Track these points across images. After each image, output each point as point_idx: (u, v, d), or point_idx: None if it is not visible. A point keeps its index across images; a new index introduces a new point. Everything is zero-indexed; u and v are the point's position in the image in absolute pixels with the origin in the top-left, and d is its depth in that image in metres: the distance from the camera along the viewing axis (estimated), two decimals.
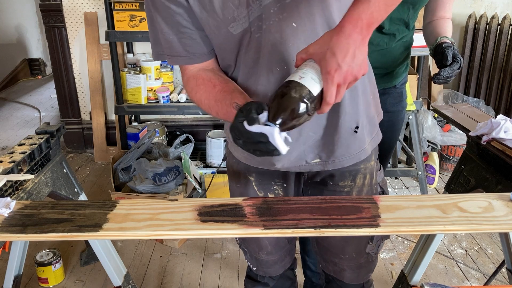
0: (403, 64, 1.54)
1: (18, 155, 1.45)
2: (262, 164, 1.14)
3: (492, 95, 3.38)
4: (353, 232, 0.90)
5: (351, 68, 0.77)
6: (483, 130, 1.52)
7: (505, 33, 3.22)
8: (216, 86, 1.00)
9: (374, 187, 1.20)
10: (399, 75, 1.54)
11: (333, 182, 1.16)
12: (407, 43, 1.52)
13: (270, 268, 1.30)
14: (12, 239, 1.08)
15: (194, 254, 2.29)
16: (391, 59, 1.49)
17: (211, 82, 1.02)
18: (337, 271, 1.27)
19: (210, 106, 1.01)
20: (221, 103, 0.97)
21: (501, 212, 0.95)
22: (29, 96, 5.02)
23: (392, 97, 1.54)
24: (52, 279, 2.05)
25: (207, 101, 1.01)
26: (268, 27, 0.95)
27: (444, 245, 2.33)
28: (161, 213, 0.96)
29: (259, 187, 1.20)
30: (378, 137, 1.18)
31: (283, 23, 0.94)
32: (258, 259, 1.28)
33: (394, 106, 1.55)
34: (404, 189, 2.93)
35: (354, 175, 1.14)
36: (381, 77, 1.48)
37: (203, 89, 1.02)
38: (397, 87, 1.54)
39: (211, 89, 1.01)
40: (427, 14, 1.50)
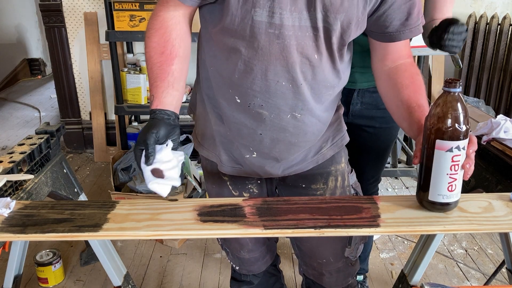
0: None
1: (18, 155, 1.45)
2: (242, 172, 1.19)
3: (492, 95, 3.38)
4: (353, 232, 0.90)
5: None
6: (483, 130, 1.52)
7: (505, 33, 3.22)
8: (162, 55, 1.01)
9: (347, 189, 1.23)
10: None
11: (305, 185, 1.19)
12: None
13: (252, 266, 1.31)
14: (12, 239, 1.08)
15: (194, 254, 2.29)
16: None
17: (164, 44, 1.01)
18: (316, 276, 1.28)
19: (149, 67, 1.04)
20: (152, 76, 1.01)
21: (501, 212, 0.95)
22: (29, 96, 5.02)
23: (378, 96, 1.52)
24: (52, 279, 2.05)
25: (149, 60, 1.03)
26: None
27: (444, 245, 2.33)
28: (161, 213, 0.96)
29: (234, 187, 1.21)
30: (343, 141, 1.22)
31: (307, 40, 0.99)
32: (240, 257, 1.29)
33: (382, 103, 1.53)
34: (404, 189, 2.93)
35: (326, 177, 1.18)
36: (369, 76, 1.43)
37: (153, 45, 1.02)
38: None
39: (159, 54, 1.01)
40: (425, 19, 1.46)
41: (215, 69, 1.08)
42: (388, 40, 1.06)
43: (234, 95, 1.06)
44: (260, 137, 1.09)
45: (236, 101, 1.06)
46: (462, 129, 0.88)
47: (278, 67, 1.00)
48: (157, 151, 0.95)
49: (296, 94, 1.04)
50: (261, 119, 1.07)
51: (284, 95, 1.03)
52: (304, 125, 1.08)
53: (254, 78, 1.02)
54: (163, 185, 0.95)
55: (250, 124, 1.08)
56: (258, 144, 1.11)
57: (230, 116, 1.10)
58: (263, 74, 1.01)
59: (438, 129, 0.88)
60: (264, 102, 1.04)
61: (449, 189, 0.91)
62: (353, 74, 1.40)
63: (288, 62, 1.00)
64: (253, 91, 1.03)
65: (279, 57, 0.99)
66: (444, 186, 0.91)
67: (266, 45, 0.98)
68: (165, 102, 0.99)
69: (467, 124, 0.89)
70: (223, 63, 1.05)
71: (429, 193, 0.93)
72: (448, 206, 0.93)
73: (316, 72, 1.03)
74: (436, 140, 0.89)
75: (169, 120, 0.98)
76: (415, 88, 1.06)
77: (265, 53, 0.99)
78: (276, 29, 0.97)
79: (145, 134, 0.94)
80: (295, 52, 0.99)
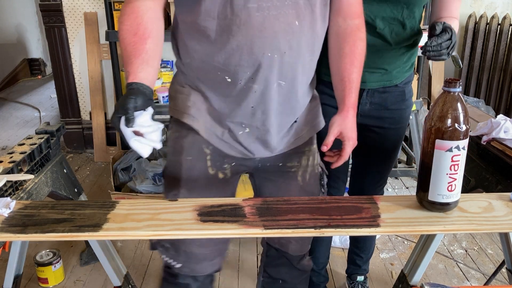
0: (406, 64, 1.49)
1: (18, 155, 1.46)
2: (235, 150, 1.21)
3: (492, 95, 3.38)
4: (353, 232, 0.90)
5: (351, 133, 1.16)
6: (483, 130, 1.52)
7: (505, 33, 3.22)
8: (136, 35, 1.03)
9: (316, 167, 1.31)
10: (400, 75, 1.50)
11: (282, 164, 1.26)
12: (409, 45, 1.46)
13: (199, 264, 1.22)
14: (12, 239, 1.08)
15: None
16: (389, 59, 1.44)
17: (137, 27, 1.04)
18: (283, 244, 1.33)
19: (122, 47, 1.06)
20: (126, 55, 1.03)
21: (501, 212, 0.95)
22: (29, 96, 5.02)
23: (393, 95, 1.51)
24: (52, 279, 2.05)
25: (122, 42, 1.05)
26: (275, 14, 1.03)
27: (444, 245, 2.33)
28: (161, 213, 0.96)
29: (213, 163, 1.20)
30: (319, 124, 1.30)
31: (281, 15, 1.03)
32: (187, 252, 1.20)
33: (396, 105, 1.51)
34: (404, 189, 2.93)
35: (300, 157, 1.27)
36: (379, 76, 1.45)
37: (126, 28, 1.04)
38: (398, 86, 1.51)
39: (131, 35, 1.04)
40: (432, 17, 1.46)
41: (200, 56, 1.11)
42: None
43: (224, 76, 1.09)
44: (253, 110, 1.13)
45: (227, 81, 1.10)
46: (462, 129, 0.88)
47: (262, 39, 1.03)
48: (137, 116, 0.96)
49: (282, 63, 1.07)
50: (251, 93, 1.10)
51: (270, 65, 1.07)
52: (289, 92, 1.13)
53: (241, 54, 1.05)
54: (144, 144, 0.95)
55: (243, 100, 1.12)
56: (251, 118, 1.14)
57: (221, 97, 1.14)
58: (249, 49, 1.04)
59: (438, 129, 0.88)
60: (254, 75, 1.08)
61: (449, 189, 0.91)
62: (363, 74, 1.40)
63: (270, 32, 1.03)
64: (242, 67, 1.07)
65: (261, 29, 1.03)
66: (444, 186, 0.91)
67: (247, 20, 1.02)
68: (141, 76, 1.01)
69: (467, 124, 0.89)
70: (209, 47, 1.08)
71: (429, 193, 0.93)
72: (448, 206, 0.93)
73: (300, 36, 1.07)
74: (436, 140, 0.89)
75: (145, 91, 0.99)
76: (352, 58, 1.16)
77: (248, 27, 1.02)
78: (254, 2, 1.01)
79: (124, 101, 0.95)
80: (276, 22, 1.03)
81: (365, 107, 1.50)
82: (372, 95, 1.48)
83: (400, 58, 1.45)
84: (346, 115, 1.16)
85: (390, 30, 1.38)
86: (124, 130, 0.95)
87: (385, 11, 1.35)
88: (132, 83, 1.00)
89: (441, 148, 0.89)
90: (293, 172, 1.27)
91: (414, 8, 1.37)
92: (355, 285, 1.92)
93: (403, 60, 1.46)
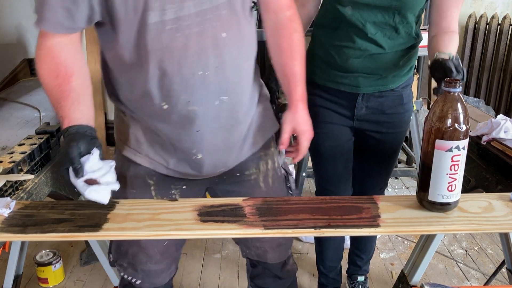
0: (403, 68, 1.44)
1: (18, 155, 1.46)
2: (186, 175, 1.17)
3: (492, 95, 3.38)
4: (353, 232, 0.90)
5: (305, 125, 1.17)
6: (483, 130, 1.52)
7: (505, 33, 3.22)
8: (58, 77, 0.99)
9: (278, 170, 1.28)
10: (397, 79, 1.44)
11: (239, 173, 1.22)
12: (406, 49, 1.40)
13: (157, 277, 1.23)
14: (12, 239, 1.08)
15: (194, 254, 2.29)
16: (384, 64, 1.39)
17: (56, 68, 1.00)
18: (260, 254, 1.31)
19: (48, 94, 1.03)
20: (53, 100, 1.00)
21: (501, 212, 0.95)
22: (29, 96, 5.01)
23: (390, 100, 1.46)
24: (52, 279, 2.05)
25: (46, 88, 1.01)
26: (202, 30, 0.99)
27: (444, 245, 2.33)
28: (161, 213, 0.96)
29: (157, 192, 1.17)
30: (275, 127, 1.26)
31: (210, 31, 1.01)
32: (145, 270, 1.21)
33: (393, 109, 1.47)
34: (404, 189, 2.93)
35: (257, 163, 1.23)
36: (374, 80, 1.41)
37: (45, 72, 1.01)
38: (395, 90, 1.46)
39: (53, 78, 1.00)
40: (431, 27, 1.38)
41: (131, 86, 1.06)
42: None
43: (160, 103, 1.04)
44: (200, 134, 1.08)
45: (163, 108, 1.05)
46: (462, 129, 0.88)
47: (188, 60, 0.99)
48: (84, 162, 0.92)
49: (217, 79, 1.03)
50: (193, 116, 1.06)
51: (204, 84, 1.02)
52: (233, 105, 1.09)
53: (171, 78, 1.01)
54: (102, 191, 0.91)
55: (186, 126, 1.07)
56: (200, 143, 1.09)
57: (162, 126, 1.09)
58: (178, 72, 1.00)
59: (438, 129, 0.88)
60: (190, 98, 1.03)
61: (449, 189, 0.91)
62: (356, 78, 1.40)
63: (196, 50, 0.99)
64: (175, 91, 1.02)
65: (186, 49, 0.99)
66: (444, 186, 0.91)
67: (169, 43, 0.98)
68: (75, 117, 0.97)
69: (467, 124, 0.89)
70: (137, 77, 1.03)
71: (429, 193, 0.93)
72: (448, 206, 0.93)
73: (229, 47, 1.03)
74: (436, 140, 0.89)
75: (85, 132, 0.96)
76: (291, 52, 1.15)
77: (172, 50, 0.98)
78: (173, 23, 0.97)
79: (66, 150, 0.91)
80: (200, 39, 0.99)
81: (361, 111, 1.47)
82: (367, 99, 1.45)
83: (396, 62, 1.41)
84: (295, 110, 1.16)
85: (382, 35, 1.34)
86: (75, 183, 0.91)
87: (376, 17, 1.32)
88: (68, 127, 0.96)
89: (441, 148, 0.89)
90: (253, 179, 1.23)
91: (406, 14, 1.32)
92: (356, 285, 1.92)
93: (399, 64, 1.42)
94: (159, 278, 1.24)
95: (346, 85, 1.43)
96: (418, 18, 1.38)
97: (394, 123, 1.50)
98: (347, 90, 1.43)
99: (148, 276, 1.22)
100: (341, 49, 1.38)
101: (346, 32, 1.35)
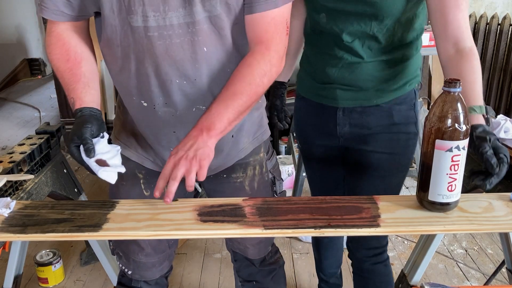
0: (391, 82, 1.26)
1: (18, 155, 1.46)
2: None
3: (492, 95, 3.38)
4: (353, 233, 0.90)
5: (186, 153, 0.93)
6: None
7: (505, 33, 3.22)
8: (68, 61, 1.03)
9: (266, 175, 1.28)
10: (383, 94, 1.27)
11: (226, 175, 1.24)
12: (392, 60, 1.24)
13: (148, 271, 1.27)
14: (12, 239, 1.08)
15: (194, 254, 2.29)
16: (364, 76, 1.25)
17: (67, 53, 1.04)
18: (242, 249, 1.35)
19: (59, 76, 1.06)
20: (65, 82, 1.05)
21: (501, 212, 0.94)
22: (29, 96, 5.02)
23: (375, 117, 1.29)
24: (52, 279, 2.05)
25: (58, 71, 1.06)
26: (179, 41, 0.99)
27: (444, 245, 2.33)
28: (161, 213, 0.96)
29: (147, 185, 1.20)
30: (263, 135, 1.26)
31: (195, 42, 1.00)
32: (136, 261, 1.24)
33: (379, 128, 1.30)
34: (404, 189, 2.94)
35: (244, 167, 1.23)
36: (354, 93, 1.27)
37: (56, 57, 1.04)
38: (381, 106, 1.28)
39: (64, 62, 1.04)
40: (437, 40, 1.15)
41: (117, 80, 1.10)
42: (248, 11, 1.02)
43: (140, 100, 1.08)
44: (176, 135, 1.11)
45: (143, 105, 1.08)
46: (462, 129, 0.88)
47: (167, 67, 1.01)
48: (95, 143, 0.96)
49: (194, 89, 1.05)
50: (170, 117, 1.08)
51: (182, 91, 1.04)
52: None
53: (149, 80, 1.03)
54: (110, 172, 0.95)
55: (163, 124, 1.10)
56: (176, 140, 1.10)
57: (143, 122, 1.13)
58: (157, 75, 1.03)
59: (438, 129, 0.88)
60: (167, 100, 1.06)
61: (449, 189, 0.91)
62: (334, 90, 1.29)
63: (176, 60, 1.00)
64: (153, 92, 1.05)
65: (165, 57, 1.00)
66: (444, 186, 0.91)
67: (150, 48, 0.99)
68: (87, 100, 1.00)
69: (467, 124, 0.89)
70: (119, 72, 1.07)
71: (429, 193, 0.93)
72: (448, 206, 0.93)
73: (210, 62, 1.03)
74: (436, 140, 0.89)
75: (96, 116, 0.99)
76: (228, 81, 1.03)
77: (152, 55, 1.00)
78: (154, 31, 0.98)
79: (80, 130, 0.94)
80: (181, 50, 1.00)
81: (344, 128, 1.33)
82: (349, 115, 1.31)
83: (378, 75, 1.25)
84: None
85: (361, 44, 1.22)
86: (88, 162, 0.94)
87: (352, 25, 1.20)
88: (81, 108, 0.99)
89: (441, 148, 0.89)
90: (239, 182, 1.24)
91: (385, 20, 1.17)
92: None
93: (383, 77, 1.25)
94: (149, 272, 1.27)
95: (324, 98, 1.33)
96: (407, 25, 1.21)
97: (382, 143, 1.30)
98: (326, 103, 1.33)
99: (138, 267, 1.26)
100: (320, 56, 1.30)
101: (326, 39, 1.26)
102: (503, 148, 0.95)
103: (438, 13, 1.12)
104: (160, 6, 0.96)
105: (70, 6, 1.02)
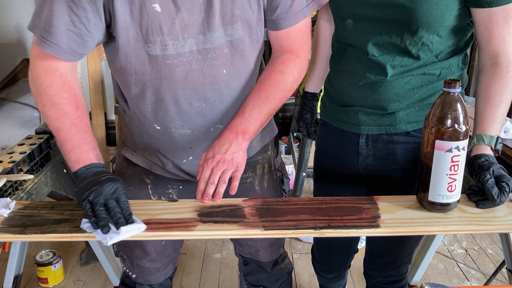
0: (419, 104, 1.10)
1: (18, 155, 1.46)
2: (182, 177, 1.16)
3: None
4: (353, 233, 0.90)
5: (223, 157, 0.97)
6: None
7: None
8: (78, 109, 0.95)
9: (274, 173, 1.27)
10: (409, 118, 1.11)
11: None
12: (423, 78, 1.08)
13: (152, 275, 1.26)
14: (12, 240, 1.07)
15: (194, 254, 2.29)
16: (389, 95, 1.09)
17: (75, 99, 0.96)
18: (253, 253, 1.33)
19: (66, 123, 0.95)
20: (75, 131, 0.94)
21: (501, 212, 0.95)
22: (29, 96, 5.00)
23: (403, 147, 1.13)
24: (52, 279, 2.05)
25: (66, 117, 0.95)
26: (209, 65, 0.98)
27: (444, 245, 2.33)
28: (161, 213, 0.96)
29: (154, 191, 1.19)
30: (271, 133, 1.25)
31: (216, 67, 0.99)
32: (140, 265, 1.24)
33: (409, 163, 1.12)
34: None
35: (253, 166, 1.22)
36: (378, 118, 1.12)
37: (65, 101, 0.94)
38: (411, 134, 1.12)
39: (74, 109, 0.95)
40: (479, 49, 1.05)
41: (130, 101, 1.08)
42: (273, 28, 1.02)
43: (153, 124, 1.07)
44: (191, 150, 1.11)
45: (157, 129, 1.07)
46: (461, 129, 0.88)
47: (186, 91, 1.00)
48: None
49: (213, 110, 1.05)
50: (186, 137, 1.08)
51: (201, 113, 1.04)
52: None
53: (167, 105, 1.02)
54: (134, 231, 0.88)
55: (178, 142, 1.09)
56: (192, 152, 1.12)
57: (155, 139, 1.12)
58: (175, 101, 1.02)
59: (437, 130, 0.88)
60: (184, 123, 1.06)
61: (448, 189, 0.91)
62: (356, 114, 1.14)
63: (195, 84, 1.00)
64: (170, 117, 1.04)
65: (184, 82, 0.99)
66: (444, 187, 0.91)
67: (169, 75, 0.98)
68: (99, 156, 0.96)
69: (467, 125, 0.89)
70: (133, 97, 1.05)
71: (429, 194, 0.93)
72: (448, 207, 0.93)
73: (229, 83, 1.03)
74: (436, 141, 0.89)
75: (117, 177, 0.94)
76: (259, 86, 1.05)
77: (170, 81, 0.99)
78: (173, 59, 0.97)
79: (116, 195, 0.90)
80: (200, 75, 0.99)
81: (366, 160, 1.18)
82: (374, 144, 1.16)
83: (408, 95, 1.09)
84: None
85: (388, 59, 1.06)
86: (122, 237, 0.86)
87: (380, 34, 1.04)
88: (103, 167, 0.94)
89: (441, 148, 0.89)
90: (249, 182, 1.22)
91: (421, 33, 1.01)
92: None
93: (414, 98, 1.09)
94: (153, 276, 1.26)
95: (346, 123, 1.18)
96: (445, 39, 1.05)
97: (413, 182, 1.01)
98: (348, 129, 1.18)
99: (142, 272, 1.25)
100: (341, 75, 1.16)
101: (348, 54, 1.12)
102: (506, 177, 0.92)
103: (483, 26, 1.01)
104: (179, 34, 0.95)
105: (84, 45, 0.94)
